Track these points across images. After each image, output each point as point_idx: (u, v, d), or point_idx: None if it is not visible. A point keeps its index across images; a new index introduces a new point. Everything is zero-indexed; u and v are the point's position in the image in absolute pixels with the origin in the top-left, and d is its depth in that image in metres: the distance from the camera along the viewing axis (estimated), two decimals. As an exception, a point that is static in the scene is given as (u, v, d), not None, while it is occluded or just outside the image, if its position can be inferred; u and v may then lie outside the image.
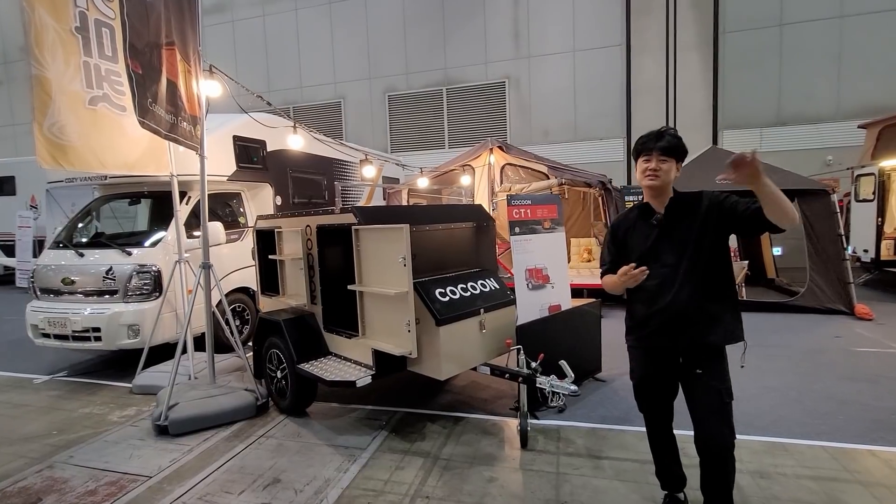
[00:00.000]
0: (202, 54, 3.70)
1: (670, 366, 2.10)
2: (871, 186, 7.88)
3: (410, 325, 2.86)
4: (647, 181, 2.05)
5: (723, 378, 2.01)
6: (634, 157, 2.15)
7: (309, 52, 13.58)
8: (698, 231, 1.98)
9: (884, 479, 2.61)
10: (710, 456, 2.00)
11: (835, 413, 3.44)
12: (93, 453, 3.25)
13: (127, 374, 4.74)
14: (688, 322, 1.99)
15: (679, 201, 2.07)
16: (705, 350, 2.01)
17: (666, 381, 2.17)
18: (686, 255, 1.98)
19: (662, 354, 2.10)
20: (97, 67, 3.57)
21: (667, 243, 2.05)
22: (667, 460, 2.32)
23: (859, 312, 6.03)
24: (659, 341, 2.08)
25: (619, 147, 11.44)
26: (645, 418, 2.32)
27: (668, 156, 2.02)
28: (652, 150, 2.02)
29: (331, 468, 2.93)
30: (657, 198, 2.10)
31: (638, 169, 2.11)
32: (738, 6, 10.51)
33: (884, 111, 9.00)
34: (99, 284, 4.69)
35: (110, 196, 5.65)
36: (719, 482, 2.00)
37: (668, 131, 2.05)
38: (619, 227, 2.25)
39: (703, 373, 2.01)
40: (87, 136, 3.43)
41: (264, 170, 6.13)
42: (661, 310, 2.03)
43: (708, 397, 1.98)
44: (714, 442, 1.97)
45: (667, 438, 2.30)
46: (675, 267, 1.99)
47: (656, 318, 2.05)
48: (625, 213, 2.30)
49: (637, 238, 2.14)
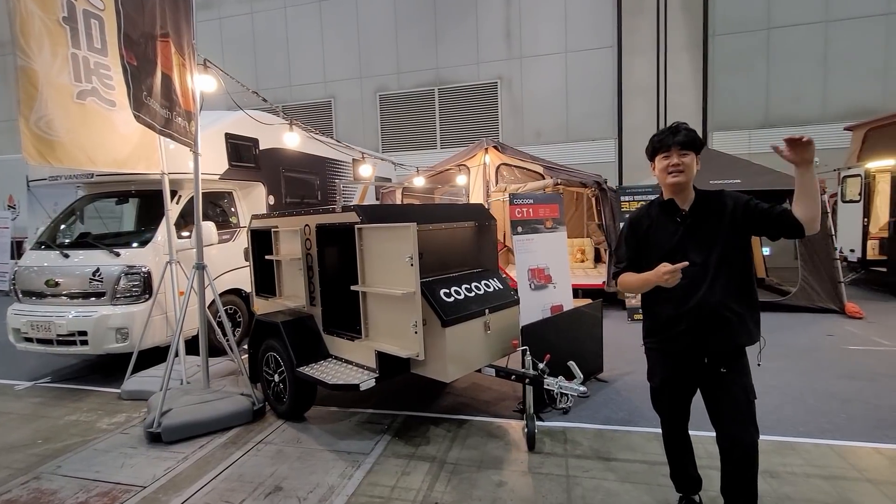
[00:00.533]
0: (196, 48, 3.58)
1: (694, 367, 2.05)
2: (858, 187, 8.04)
3: (417, 326, 2.79)
4: (671, 178, 2.00)
5: (747, 376, 1.99)
6: (651, 156, 2.10)
7: (298, 50, 13.40)
8: (727, 230, 1.95)
9: (892, 477, 2.62)
10: (737, 455, 1.96)
11: (837, 411, 3.46)
12: (82, 463, 3.11)
13: (114, 380, 4.58)
14: (719, 322, 1.94)
15: (705, 199, 2.03)
16: (733, 350, 1.98)
17: (688, 383, 2.12)
18: (714, 254, 1.94)
19: (688, 355, 2.04)
20: (86, 60, 3.43)
21: (693, 241, 1.98)
22: (683, 462, 2.28)
23: (850, 311, 6.12)
24: (686, 342, 2.01)
25: (611, 148, 11.51)
26: (662, 421, 2.28)
27: (688, 149, 1.98)
28: (671, 145, 1.98)
29: (334, 474, 2.84)
30: (680, 194, 2.04)
31: (657, 167, 2.06)
32: (726, 9, 10.66)
33: (868, 113, 9.21)
34: (85, 286, 4.52)
35: (95, 195, 5.46)
36: (745, 482, 1.96)
37: (682, 126, 2.01)
38: (640, 222, 2.15)
39: (727, 372, 1.98)
40: (75, 131, 3.29)
41: (257, 168, 5.99)
42: (692, 309, 1.96)
43: (735, 396, 1.95)
44: (741, 441, 1.94)
45: (683, 440, 2.26)
46: (703, 266, 1.94)
47: (686, 319, 1.98)
48: (643, 208, 2.22)
49: (661, 235, 2.07)
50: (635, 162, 11.09)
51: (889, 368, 4.28)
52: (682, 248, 1.99)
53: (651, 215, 2.14)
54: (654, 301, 2.12)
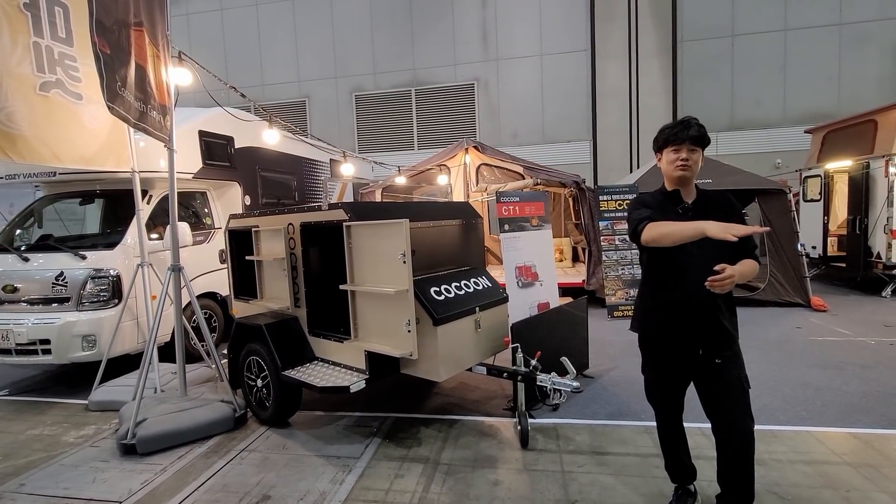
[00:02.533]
0: (170, 39, 3.42)
1: (689, 358, 2.08)
2: (818, 187, 8.46)
3: (411, 324, 2.73)
4: (678, 171, 2.02)
5: (742, 366, 2.03)
6: (658, 147, 2.09)
7: (271, 49, 13.09)
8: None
9: (869, 459, 2.73)
10: (733, 444, 1.99)
11: (812, 399, 3.60)
12: (47, 479, 2.90)
13: (80, 390, 4.32)
14: (711, 310, 1.99)
15: (707, 196, 2.08)
16: (724, 341, 2.02)
17: (683, 375, 2.15)
18: (710, 248, 1.92)
19: (682, 345, 2.07)
20: (49, 50, 3.22)
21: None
22: (678, 453, 2.31)
23: (815, 304, 6.42)
24: (680, 330, 2.05)
25: (586, 149, 11.73)
26: (656, 413, 2.30)
27: (698, 145, 2.00)
28: (683, 140, 1.98)
29: (325, 480, 2.75)
30: (684, 188, 2.08)
31: (665, 159, 2.06)
32: (693, 16, 11.06)
33: (825, 117, 9.73)
34: (47, 291, 4.24)
35: (57, 195, 5.15)
36: (741, 470, 2.00)
37: (693, 120, 2.01)
38: (647, 197, 2.16)
39: (722, 362, 2.01)
40: (39, 125, 3.09)
41: (232, 168, 5.79)
42: (683, 299, 2.01)
43: (731, 386, 1.99)
44: (739, 429, 1.97)
45: (678, 431, 2.29)
46: (698, 257, 1.96)
47: (679, 305, 2.03)
48: (646, 193, 2.23)
49: (661, 217, 2.04)
50: (610, 163, 11.35)
51: (854, 357, 4.50)
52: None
53: (656, 201, 2.14)
54: (647, 288, 2.16)
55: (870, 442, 2.94)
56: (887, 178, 6.90)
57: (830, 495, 2.41)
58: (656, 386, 2.24)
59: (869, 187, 7.26)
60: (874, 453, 2.80)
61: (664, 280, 2.08)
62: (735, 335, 2.06)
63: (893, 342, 4.93)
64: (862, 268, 7.35)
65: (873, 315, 6.10)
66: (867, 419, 3.25)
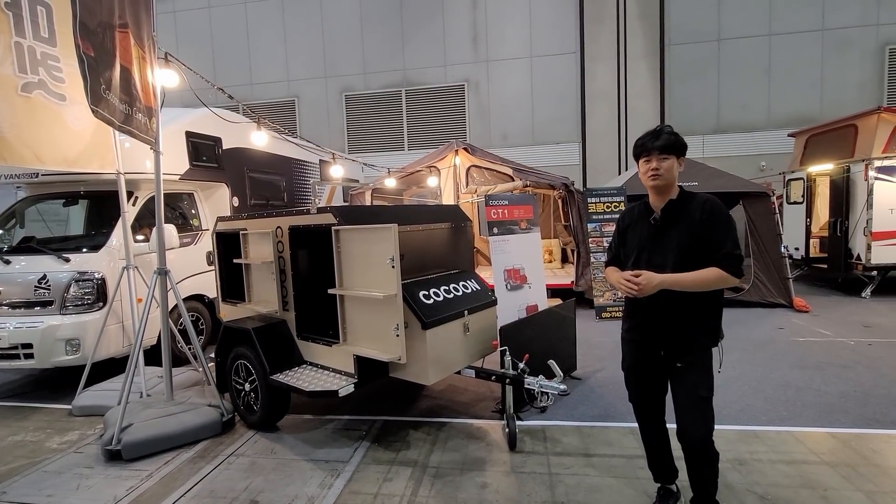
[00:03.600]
0: (156, 41, 3.39)
1: (653, 357, 2.16)
2: (801, 190, 8.62)
3: (399, 328, 2.74)
4: (650, 181, 2.08)
5: (702, 373, 2.04)
6: (636, 158, 2.15)
7: (260, 48, 12.98)
8: (688, 238, 2.01)
9: (846, 459, 2.81)
10: (685, 448, 2.06)
11: (793, 400, 3.68)
12: (30, 487, 2.86)
13: (62, 395, 4.26)
14: (666, 319, 2.05)
15: (676, 204, 2.08)
16: (684, 345, 2.06)
17: (651, 372, 2.21)
18: (671, 258, 2.02)
19: (646, 346, 2.17)
20: (31, 50, 3.17)
21: (659, 244, 2.07)
22: (659, 453, 2.35)
23: (797, 305, 6.55)
24: (643, 333, 2.17)
25: (576, 151, 11.82)
26: (634, 409, 2.35)
27: (668, 153, 2.03)
28: (651, 150, 2.04)
29: (313, 485, 2.75)
30: (659, 195, 2.12)
31: (640, 170, 2.13)
32: (681, 20, 11.20)
33: (808, 121, 9.92)
34: (29, 295, 4.17)
35: (40, 196, 5.06)
36: (697, 474, 2.08)
37: (665, 129, 2.06)
38: (623, 219, 2.29)
39: (682, 367, 2.06)
40: (20, 126, 3.03)
41: (219, 169, 5.74)
42: (644, 306, 2.08)
43: (686, 390, 2.04)
44: (689, 434, 2.02)
45: (657, 432, 2.33)
46: (660, 267, 2.02)
47: (640, 313, 2.14)
48: (632, 206, 2.30)
49: (634, 234, 2.19)
50: (599, 164, 11.45)
51: (833, 357, 4.61)
52: (646, 248, 2.10)
53: (634, 214, 2.24)
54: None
55: (847, 441, 3.01)
56: (867, 182, 7.07)
57: (808, 494, 2.47)
58: (630, 381, 2.32)
59: (849, 190, 7.42)
60: (851, 453, 2.88)
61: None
62: (703, 340, 2.04)
63: (872, 342, 5.05)
64: (843, 269, 7.52)
65: (853, 315, 6.24)
66: (845, 419, 3.33)
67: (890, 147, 7.27)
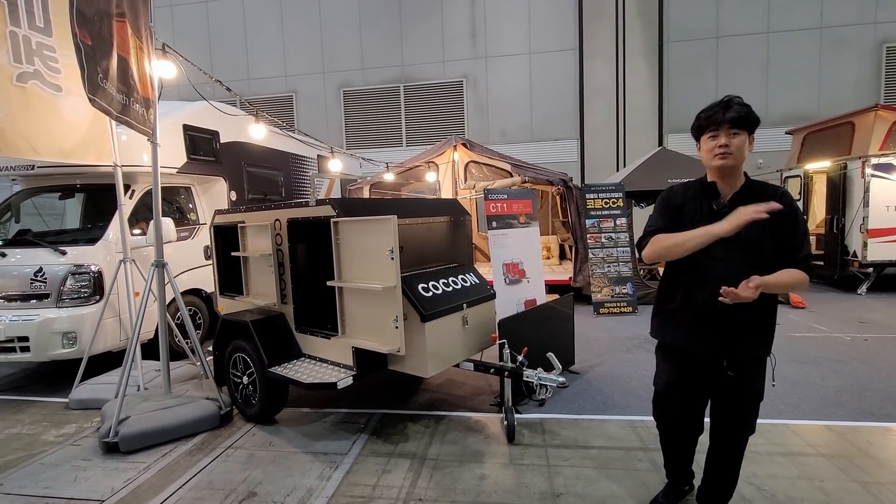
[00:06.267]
0: (154, 31, 3.36)
1: (709, 370, 1.87)
2: (798, 187, 8.65)
3: (398, 320, 2.74)
4: (717, 161, 1.73)
5: (760, 380, 1.90)
6: (696, 135, 1.83)
7: (257, 43, 12.90)
8: (762, 233, 1.70)
9: (842, 451, 2.83)
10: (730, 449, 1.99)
11: (790, 393, 3.70)
12: (27, 479, 2.85)
13: (59, 388, 4.24)
14: (730, 324, 1.77)
15: (749, 194, 1.75)
16: (750, 354, 1.83)
17: (700, 387, 1.92)
18: (736, 254, 1.72)
19: (701, 357, 1.86)
20: (27, 39, 3.14)
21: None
22: (682, 463, 2.23)
23: (793, 301, 6.58)
24: (697, 341, 1.84)
25: (574, 148, 11.82)
26: (667, 430, 2.11)
27: (740, 128, 1.70)
28: (720, 123, 1.71)
29: (311, 477, 2.74)
30: (725, 179, 1.78)
31: (703, 148, 1.80)
32: (679, 17, 11.20)
33: (805, 119, 9.95)
34: (25, 288, 4.15)
35: (35, 189, 5.03)
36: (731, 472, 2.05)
37: (735, 99, 1.74)
38: (677, 192, 1.93)
39: (735, 375, 1.85)
40: (15, 117, 3.01)
41: (217, 163, 5.72)
42: (700, 306, 1.79)
43: (741, 396, 1.89)
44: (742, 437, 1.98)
45: (688, 449, 2.14)
46: (724, 262, 1.73)
47: (694, 313, 1.82)
48: (680, 185, 1.97)
49: (693, 214, 1.82)
50: (597, 161, 11.46)
51: (829, 352, 4.64)
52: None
53: (690, 191, 1.91)
54: (665, 290, 1.99)
55: (843, 434, 3.04)
56: (863, 179, 7.10)
57: (805, 485, 2.49)
58: (666, 400, 2.03)
59: (846, 188, 7.46)
60: (847, 445, 2.90)
61: (683, 284, 1.85)
62: (765, 347, 1.86)
63: (868, 338, 5.08)
64: (839, 266, 7.56)
65: (849, 312, 6.28)
66: (841, 412, 3.35)
67: (887, 144, 7.30)
